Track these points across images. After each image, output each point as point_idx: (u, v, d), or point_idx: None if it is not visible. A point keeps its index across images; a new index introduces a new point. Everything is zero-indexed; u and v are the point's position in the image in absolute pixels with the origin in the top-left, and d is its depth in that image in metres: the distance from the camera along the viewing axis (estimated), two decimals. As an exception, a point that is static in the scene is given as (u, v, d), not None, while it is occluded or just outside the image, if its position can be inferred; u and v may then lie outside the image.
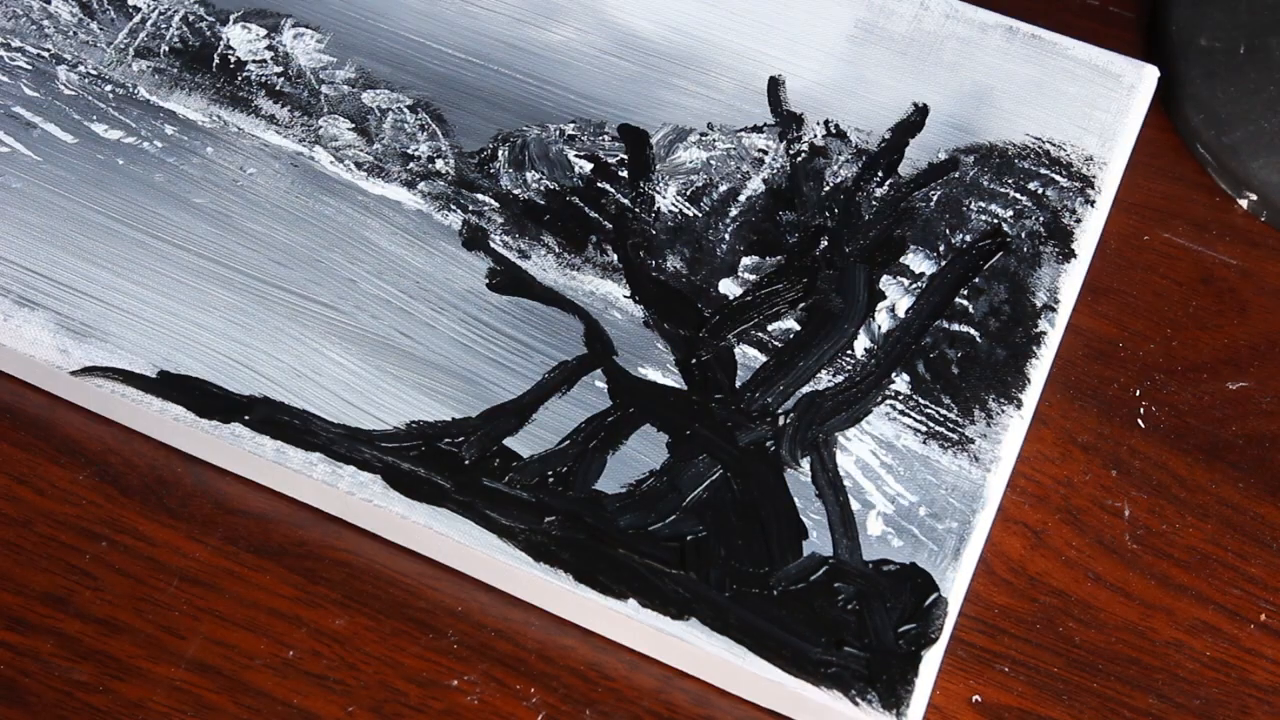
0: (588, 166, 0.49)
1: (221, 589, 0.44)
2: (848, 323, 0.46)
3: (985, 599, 0.45)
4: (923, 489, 0.44)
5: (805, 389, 0.45)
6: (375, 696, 0.43)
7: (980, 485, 0.44)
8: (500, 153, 0.49)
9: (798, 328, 0.46)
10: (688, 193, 0.49)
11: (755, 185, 0.48)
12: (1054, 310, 0.46)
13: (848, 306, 0.46)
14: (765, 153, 0.49)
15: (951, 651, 0.44)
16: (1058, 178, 0.48)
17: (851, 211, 0.48)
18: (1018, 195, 0.48)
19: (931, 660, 0.42)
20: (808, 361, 0.46)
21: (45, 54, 0.51)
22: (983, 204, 0.48)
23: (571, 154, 0.49)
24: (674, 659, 0.43)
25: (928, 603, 0.42)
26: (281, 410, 0.45)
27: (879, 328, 0.46)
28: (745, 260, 0.47)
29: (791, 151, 0.49)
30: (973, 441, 0.44)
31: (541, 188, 0.49)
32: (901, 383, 0.45)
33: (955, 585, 0.42)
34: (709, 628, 0.42)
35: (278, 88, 0.50)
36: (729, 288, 0.47)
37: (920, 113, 0.49)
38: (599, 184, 0.49)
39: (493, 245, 0.48)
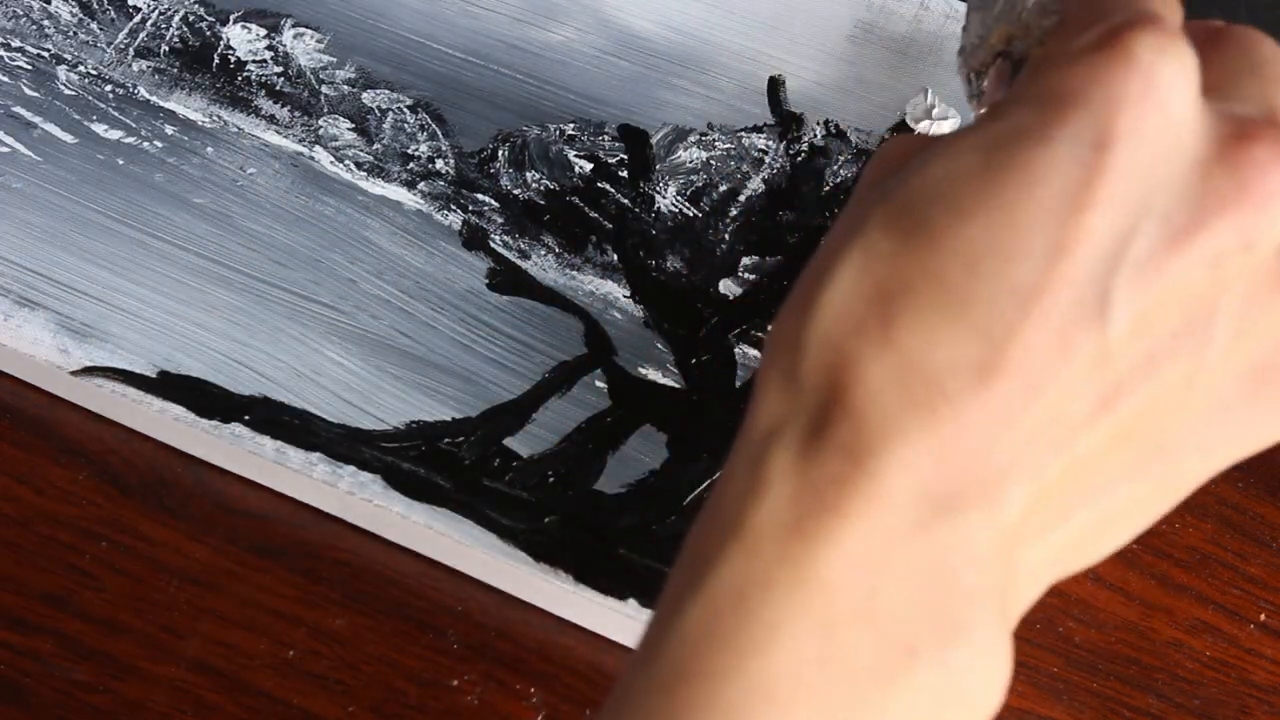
0: (588, 166, 0.49)
1: (221, 589, 0.44)
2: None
3: (985, 599, 0.45)
4: (923, 489, 0.44)
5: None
6: (375, 696, 0.43)
7: (980, 485, 0.44)
8: (500, 153, 0.49)
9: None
10: (688, 193, 0.49)
11: (755, 185, 0.48)
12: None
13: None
14: (765, 153, 0.49)
15: (951, 651, 0.44)
16: (1058, 177, 0.48)
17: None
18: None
19: (931, 660, 0.41)
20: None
21: (45, 54, 0.51)
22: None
23: (571, 154, 0.49)
24: (674, 659, 0.43)
25: (928, 603, 0.42)
26: (281, 410, 0.45)
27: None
28: (745, 260, 0.47)
29: (791, 151, 0.49)
30: (973, 441, 0.44)
31: (541, 188, 0.49)
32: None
33: (955, 585, 0.42)
34: (709, 628, 0.42)
35: (278, 88, 0.50)
36: (729, 287, 0.47)
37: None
38: (599, 184, 0.49)
39: (493, 245, 0.48)
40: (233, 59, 0.51)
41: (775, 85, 0.50)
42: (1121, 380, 0.26)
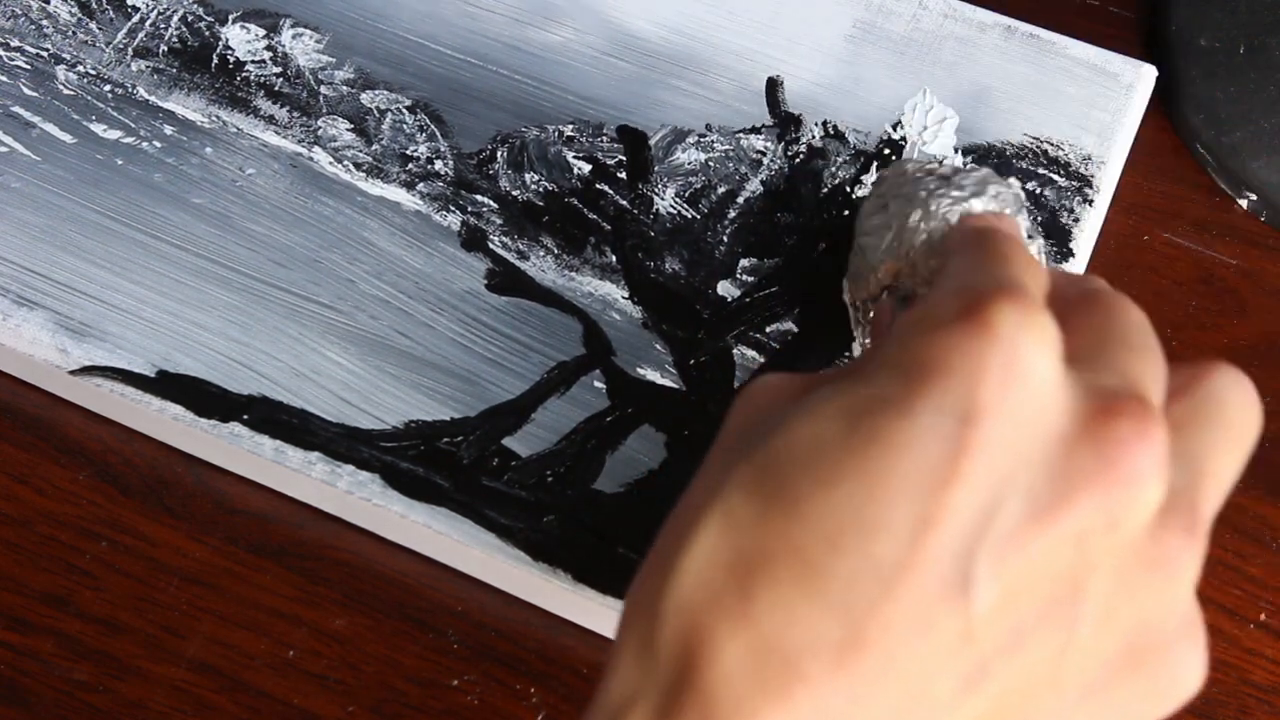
0: (586, 168, 0.49)
1: (221, 589, 0.44)
2: (846, 324, 0.46)
3: (985, 599, 0.45)
4: (922, 488, 0.44)
5: (804, 389, 0.45)
6: (375, 696, 0.43)
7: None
8: (499, 154, 0.49)
9: (795, 329, 0.46)
10: (686, 194, 0.49)
11: (754, 187, 0.49)
12: (1053, 310, 0.46)
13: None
14: (763, 154, 0.49)
15: (951, 651, 0.44)
16: (1056, 177, 0.48)
17: (850, 212, 0.48)
18: (1017, 195, 0.48)
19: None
20: (806, 363, 0.46)
21: (44, 54, 0.51)
22: (982, 204, 0.48)
23: (570, 155, 0.49)
24: (673, 659, 0.43)
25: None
26: (280, 410, 0.45)
27: (878, 328, 0.46)
28: (744, 262, 0.47)
29: (790, 153, 0.49)
30: (972, 441, 0.44)
31: (540, 189, 0.49)
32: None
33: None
34: (708, 627, 0.42)
35: (277, 88, 0.50)
36: (727, 289, 0.47)
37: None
38: (597, 185, 0.49)
39: (491, 246, 0.48)
40: (231, 59, 0.51)
41: (773, 86, 0.50)
42: (987, 659, 0.25)
